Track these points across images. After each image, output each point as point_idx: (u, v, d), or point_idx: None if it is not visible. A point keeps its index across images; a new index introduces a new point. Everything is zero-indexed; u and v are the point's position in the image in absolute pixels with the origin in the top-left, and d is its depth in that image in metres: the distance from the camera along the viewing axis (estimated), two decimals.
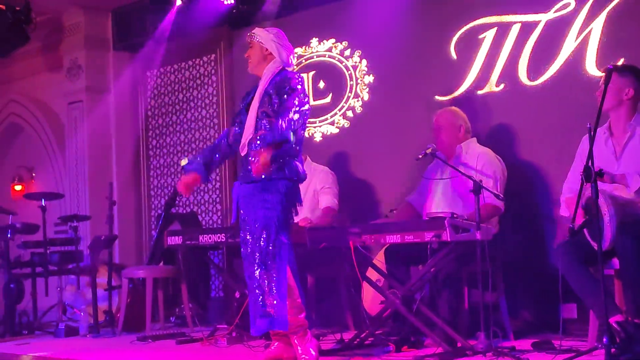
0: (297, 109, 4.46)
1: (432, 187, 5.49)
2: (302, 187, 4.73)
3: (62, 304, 7.64)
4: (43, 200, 7.64)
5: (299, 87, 4.54)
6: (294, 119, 4.43)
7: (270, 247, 4.42)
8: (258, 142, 4.48)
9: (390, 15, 6.57)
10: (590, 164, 3.79)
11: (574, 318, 5.31)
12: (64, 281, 8.10)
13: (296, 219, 5.06)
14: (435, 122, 5.54)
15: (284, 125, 4.37)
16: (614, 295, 4.39)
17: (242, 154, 4.67)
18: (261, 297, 4.42)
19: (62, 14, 8.78)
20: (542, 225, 5.68)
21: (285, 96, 4.50)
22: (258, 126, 4.56)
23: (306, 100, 4.57)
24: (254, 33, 4.76)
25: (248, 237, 4.50)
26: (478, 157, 5.33)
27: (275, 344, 4.67)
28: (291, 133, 4.40)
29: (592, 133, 3.83)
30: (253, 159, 4.41)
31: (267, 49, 4.69)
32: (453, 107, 5.65)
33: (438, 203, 5.36)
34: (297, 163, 4.60)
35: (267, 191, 4.48)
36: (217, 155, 4.87)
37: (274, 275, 4.40)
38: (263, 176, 4.45)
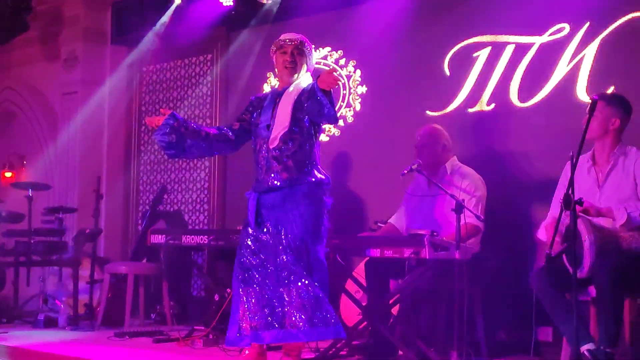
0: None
1: (414, 204, 5.50)
2: None
3: (43, 294, 7.66)
4: (30, 190, 7.66)
5: None
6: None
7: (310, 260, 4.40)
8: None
9: (387, 27, 6.59)
10: (570, 191, 3.81)
11: (549, 341, 5.33)
12: (46, 272, 8.13)
13: None
14: (417, 140, 5.53)
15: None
16: (588, 322, 4.41)
17: (272, 147, 4.51)
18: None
19: (62, 5, 8.79)
20: (523, 247, 5.68)
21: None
22: (293, 123, 4.50)
23: None
24: (306, 42, 4.68)
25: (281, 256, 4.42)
26: (462, 177, 5.34)
27: (247, 352, 4.65)
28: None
29: (574, 161, 3.85)
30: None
31: (309, 61, 4.70)
32: (435, 125, 5.65)
33: (420, 220, 5.36)
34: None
35: (302, 200, 4.45)
36: (205, 133, 4.67)
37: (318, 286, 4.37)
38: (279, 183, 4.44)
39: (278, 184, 4.50)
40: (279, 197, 4.50)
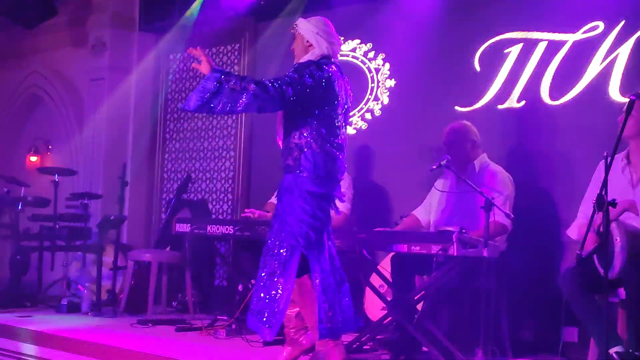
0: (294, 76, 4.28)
1: (442, 200, 5.46)
2: None
3: (67, 279, 7.69)
4: (56, 175, 7.68)
5: (304, 68, 4.34)
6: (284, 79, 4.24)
7: (283, 253, 4.31)
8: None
9: (417, 21, 6.55)
10: (604, 192, 3.76)
11: (575, 342, 5.28)
12: (70, 257, 8.17)
13: None
14: (446, 136, 5.49)
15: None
16: (616, 324, 4.36)
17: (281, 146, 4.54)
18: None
19: None
20: (551, 247, 5.64)
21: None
22: (283, 117, 4.48)
23: (307, 78, 4.30)
24: (296, 24, 4.61)
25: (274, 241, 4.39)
26: (491, 175, 5.30)
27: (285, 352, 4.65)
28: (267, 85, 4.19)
29: (608, 161, 3.79)
30: None
31: (307, 41, 4.54)
32: (465, 122, 5.59)
33: (447, 216, 5.34)
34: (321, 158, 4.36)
35: (290, 191, 4.37)
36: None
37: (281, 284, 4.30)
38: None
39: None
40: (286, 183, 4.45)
